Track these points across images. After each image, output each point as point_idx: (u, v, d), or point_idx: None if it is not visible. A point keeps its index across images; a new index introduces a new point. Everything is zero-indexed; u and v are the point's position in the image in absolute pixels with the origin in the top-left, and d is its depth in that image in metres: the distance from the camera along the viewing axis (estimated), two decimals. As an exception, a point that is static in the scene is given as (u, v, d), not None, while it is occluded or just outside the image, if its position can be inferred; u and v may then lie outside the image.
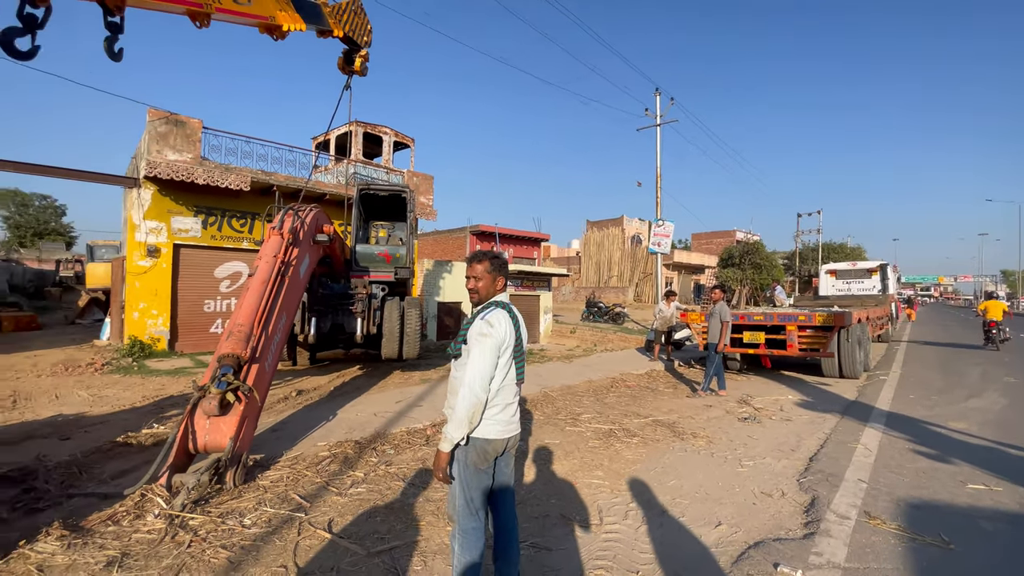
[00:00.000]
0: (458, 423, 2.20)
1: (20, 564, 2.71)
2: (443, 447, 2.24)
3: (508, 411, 2.34)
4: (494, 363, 2.24)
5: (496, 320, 2.27)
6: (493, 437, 2.29)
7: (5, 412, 5.98)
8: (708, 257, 44.47)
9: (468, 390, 2.19)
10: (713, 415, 6.66)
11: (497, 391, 2.29)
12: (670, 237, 18.54)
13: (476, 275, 2.43)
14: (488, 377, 2.22)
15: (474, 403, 2.19)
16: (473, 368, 2.21)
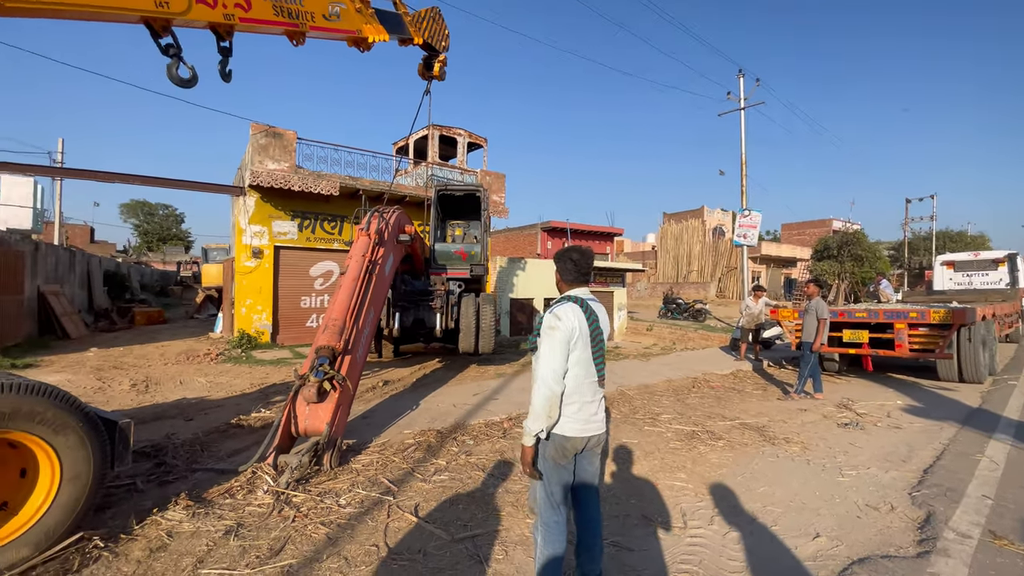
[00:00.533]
0: (535, 416, 2.22)
1: (153, 529, 3.11)
2: (525, 441, 2.28)
3: (587, 409, 2.31)
4: (564, 356, 2.22)
5: (563, 313, 2.26)
6: (571, 435, 2.27)
7: (140, 395, 6.87)
8: (800, 249, 41.24)
9: (540, 383, 2.21)
10: (808, 419, 6.19)
11: (575, 387, 2.27)
12: (757, 228, 17.40)
13: (555, 273, 2.52)
14: (559, 370, 2.21)
15: (548, 395, 2.20)
16: (543, 361, 2.23)
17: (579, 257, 2.46)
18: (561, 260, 2.48)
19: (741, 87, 18.34)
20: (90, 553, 2.78)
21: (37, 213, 29.76)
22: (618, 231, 27.05)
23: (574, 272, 2.45)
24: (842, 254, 31.15)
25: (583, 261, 2.46)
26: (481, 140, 16.40)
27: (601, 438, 2.39)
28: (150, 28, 3.71)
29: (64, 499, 2.74)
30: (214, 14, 3.86)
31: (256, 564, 2.77)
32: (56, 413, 2.67)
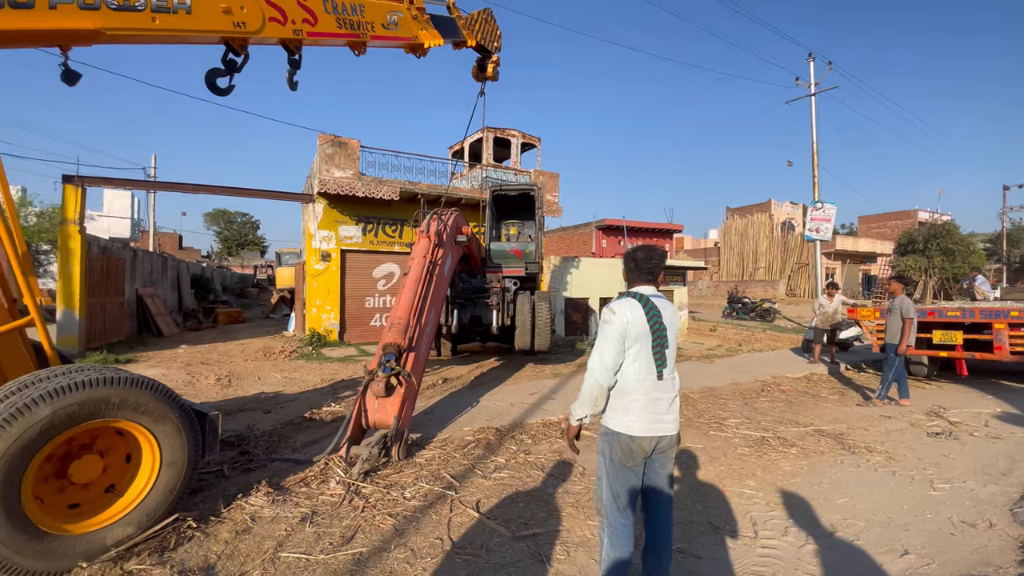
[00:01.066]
0: (580, 402, 2.34)
1: (238, 513, 3.35)
2: (571, 420, 2.41)
3: (656, 407, 2.28)
4: (616, 349, 2.25)
5: (619, 307, 2.29)
6: (636, 434, 2.24)
7: (224, 388, 7.43)
8: (880, 243, 38.16)
9: (589, 373, 2.31)
10: (893, 427, 5.72)
11: (635, 383, 2.26)
12: (831, 221, 16.24)
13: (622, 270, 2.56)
14: (608, 362, 2.25)
15: (593, 385, 2.28)
16: (595, 352, 2.31)
17: (643, 256, 2.45)
18: (626, 259, 2.51)
19: (811, 72, 17.23)
20: (184, 533, 3.05)
21: (134, 223, 32.94)
22: (677, 227, 26.16)
23: (638, 271, 2.45)
24: (929, 248, 28.48)
25: (646, 260, 2.44)
26: (534, 140, 16.42)
27: (673, 440, 2.35)
28: (229, 47, 4.02)
29: (162, 483, 3.01)
30: (284, 31, 4.13)
31: (329, 550, 2.93)
32: (156, 404, 2.95)
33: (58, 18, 3.05)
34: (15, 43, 3.16)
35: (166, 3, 3.47)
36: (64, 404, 2.61)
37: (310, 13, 4.26)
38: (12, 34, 2.98)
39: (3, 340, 3.07)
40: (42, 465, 2.70)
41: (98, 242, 11.54)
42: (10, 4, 2.87)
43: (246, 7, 3.85)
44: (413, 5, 5.08)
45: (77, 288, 9.81)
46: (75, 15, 3.11)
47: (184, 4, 3.55)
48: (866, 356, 10.72)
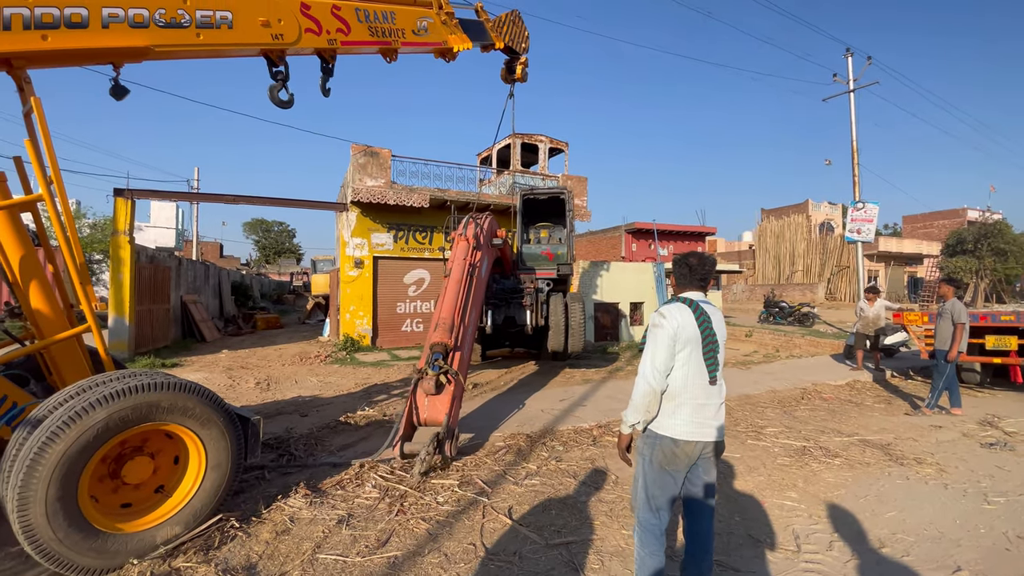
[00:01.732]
0: (633, 408, 2.31)
1: (278, 514, 3.45)
2: (622, 429, 2.39)
3: (703, 411, 2.27)
4: (667, 353, 2.25)
5: (669, 311, 2.30)
6: (681, 438, 2.24)
7: (263, 392, 7.66)
8: (927, 244, 36.43)
9: (640, 377, 2.29)
10: (944, 438, 5.44)
11: (683, 387, 2.27)
12: (873, 222, 15.57)
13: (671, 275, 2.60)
14: (660, 367, 2.25)
15: (646, 390, 2.26)
16: (646, 356, 2.30)
17: (696, 262, 2.46)
18: (678, 265, 2.51)
19: (849, 67, 16.65)
20: (228, 532, 3.15)
21: (179, 233, 34.47)
22: (710, 230, 25.66)
23: (690, 277, 2.47)
24: (980, 248, 27.03)
25: (699, 266, 2.46)
26: (562, 145, 16.40)
27: (720, 447, 2.35)
28: (268, 59, 4.19)
29: (208, 484, 3.14)
30: (319, 41, 4.28)
31: (366, 553, 2.98)
32: (203, 409, 3.07)
33: (110, 36, 3.23)
34: (71, 62, 3.37)
35: (210, 19, 3.64)
36: (119, 408, 2.75)
37: (343, 23, 4.40)
38: (68, 53, 3.17)
39: (63, 346, 3.26)
40: (97, 466, 2.85)
41: (146, 251, 12.11)
42: (66, 24, 3.06)
43: (284, 20, 4.01)
44: (442, 10, 5.17)
45: (127, 295, 10.32)
46: (126, 33, 3.29)
47: (226, 19, 3.72)
48: (913, 363, 10.23)
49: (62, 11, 3.05)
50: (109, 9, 3.21)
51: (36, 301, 3.16)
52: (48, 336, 3.16)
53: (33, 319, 3.18)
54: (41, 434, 2.56)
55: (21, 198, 3.15)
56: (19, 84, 3.25)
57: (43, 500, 2.53)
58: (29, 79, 3.27)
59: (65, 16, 3.06)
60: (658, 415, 2.30)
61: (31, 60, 3.14)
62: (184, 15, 3.51)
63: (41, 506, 2.53)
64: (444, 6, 5.20)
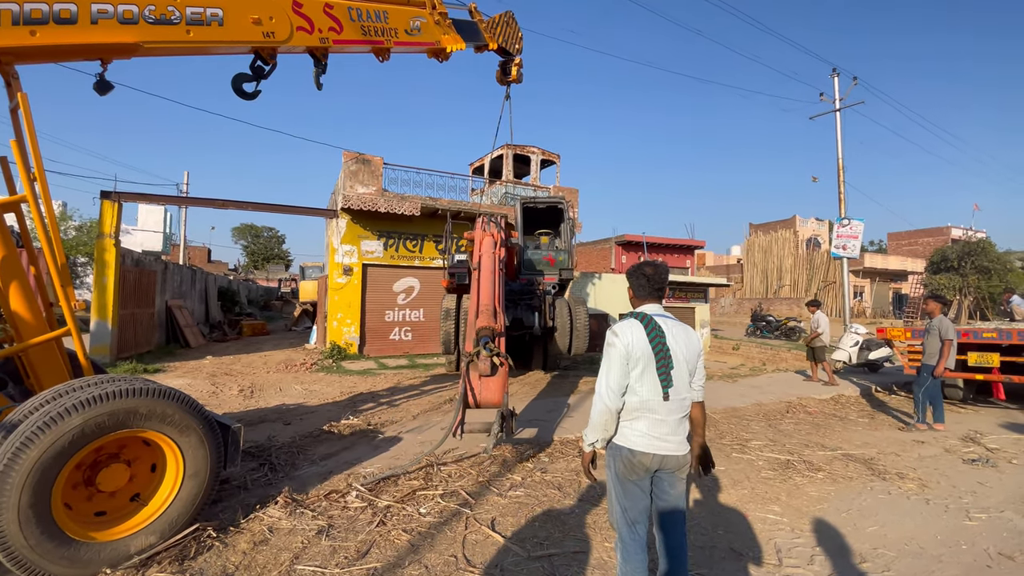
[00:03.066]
0: (591, 428, 2.32)
1: (256, 524, 3.39)
2: (584, 447, 2.39)
3: (660, 427, 2.24)
4: (620, 372, 2.24)
5: (621, 330, 2.29)
6: (637, 449, 2.23)
7: (246, 400, 7.55)
8: (911, 261, 37.10)
9: (596, 397, 2.31)
10: (927, 453, 5.50)
11: (640, 403, 2.25)
12: (859, 238, 15.84)
13: (628, 287, 2.54)
14: (614, 385, 2.24)
15: (602, 410, 2.27)
16: (601, 376, 2.31)
17: (653, 272, 2.42)
18: (634, 275, 2.47)
19: (836, 87, 17.03)
20: (204, 542, 3.09)
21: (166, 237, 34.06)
22: (699, 244, 25.89)
23: (648, 287, 2.43)
24: (964, 266, 27.56)
25: (656, 275, 2.42)
26: (554, 156, 16.54)
27: (682, 461, 2.29)
28: (259, 57, 4.18)
29: (185, 493, 3.08)
30: (311, 39, 4.29)
31: (345, 564, 2.93)
32: (182, 416, 3.02)
33: (99, 32, 3.22)
34: (60, 58, 3.35)
35: (200, 16, 3.63)
36: (95, 414, 2.70)
37: (336, 22, 4.42)
38: (57, 49, 3.16)
39: (41, 350, 3.20)
40: (72, 473, 2.78)
41: (131, 255, 11.96)
42: (55, 20, 3.05)
43: (275, 17, 4.01)
44: (436, 10, 5.21)
45: (111, 299, 10.17)
46: (115, 29, 3.28)
47: (217, 16, 3.71)
48: (897, 378, 10.36)
49: (51, 7, 3.04)
50: (98, 5, 3.20)
51: (16, 303, 3.10)
52: (27, 339, 3.10)
53: (12, 321, 3.13)
54: (15, 440, 2.51)
55: (4, 199, 3.11)
56: (6, 80, 3.22)
57: (15, 507, 2.48)
58: (16, 75, 3.24)
59: (54, 12, 3.05)
60: (621, 427, 2.31)
61: (19, 56, 3.12)
62: (174, 12, 3.51)
63: (13, 513, 2.47)
64: (437, 6, 5.23)
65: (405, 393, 8.16)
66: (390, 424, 6.18)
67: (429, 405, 7.27)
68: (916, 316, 30.31)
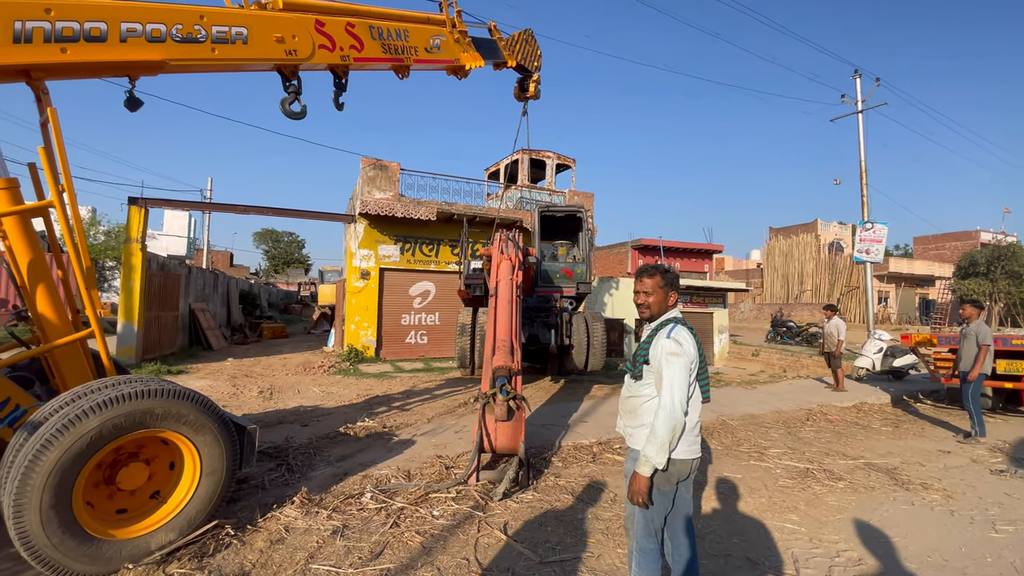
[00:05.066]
0: (660, 446, 2.10)
1: (273, 523, 3.44)
2: (643, 470, 2.15)
3: (694, 432, 2.26)
4: (687, 382, 2.16)
5: (684, 338, 2.19)
6: (678, 457, 2.20)
7: (265, 401, 7.68)
8: (938, 265, 36.08)
9: (668, 412, 2.09)
10: (952, 463, 5.33)
11: (693, 411, 2.25)
12: (882, 242, 15.46)
13: (647, 290, 2.36)
14: (684, 397, 2.13)
15: (675, 425, 2.10)
16: (671, 389, 2.12)
17: (675, 275, 2.44)
18: (670, 277, 2.43)
19: (858, 88, 16.70)
20: (222, 540, 3.14)
21: (190, 241, 34.96)
22: (717, 248, 25.58)
23: (678, 291, 2.43)
24: (994, 271, 26.73)
25: (677, 279, 2.44)
26: (569, 161, 16.53)
27: (699, 463, 2.31)
28: (281, 73, 4.29)
29: (203, 491, 3.14)
30: (333, 57, 4.37)
31: (359, 564, 2.96)
32: (198, 416, 3.09)
33: (128, 50, 3.33)
34: (88, 74, 3.47)
35: (225, 34, 3.74)
36: (112, 415, 2.76)
37: (357, 40, 4.50)
38: (87, 66, 3.27)
39: (66, 350, 3.30)
40: (92, 472, 2.86)
41: (157, 259, 12.28)
42: (85, 38, 3.16)
43: (297, 36, 4.11)
44: (455, 29, 5.27)
45: (137, 302, 10.45)
46: (143, 47, 3.39)
47: (241, 35, 3.82)
48: (923, 386, 10.07)
49: (82, 25, 3.15)
50: (128, 24, 3.32)
51: (42, 305, 3.21)
52: (53, 340, 3.21)
53: (39, 322, 3.24)
54: (35, 442, 2.58)
55: (33, 204, 3.22)
56: (37, 95, 3.34)
57: (37, 507, 2.54)
58: (47, 90, 3.36)
59: (85, 30, 3.16)
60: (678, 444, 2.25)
61: (49, 72, 3.24)
62: (200, 30, 3.62)
63: (36, 513, 2.54)
64: (457, 24, 5.30)
65: (420, 396, 8.21)
66: (405, 427, 6.22)
67: (443, 409, 7.30)
68: (943, 322, 29.44)
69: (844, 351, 9.48)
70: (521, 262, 6.73)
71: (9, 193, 3.10)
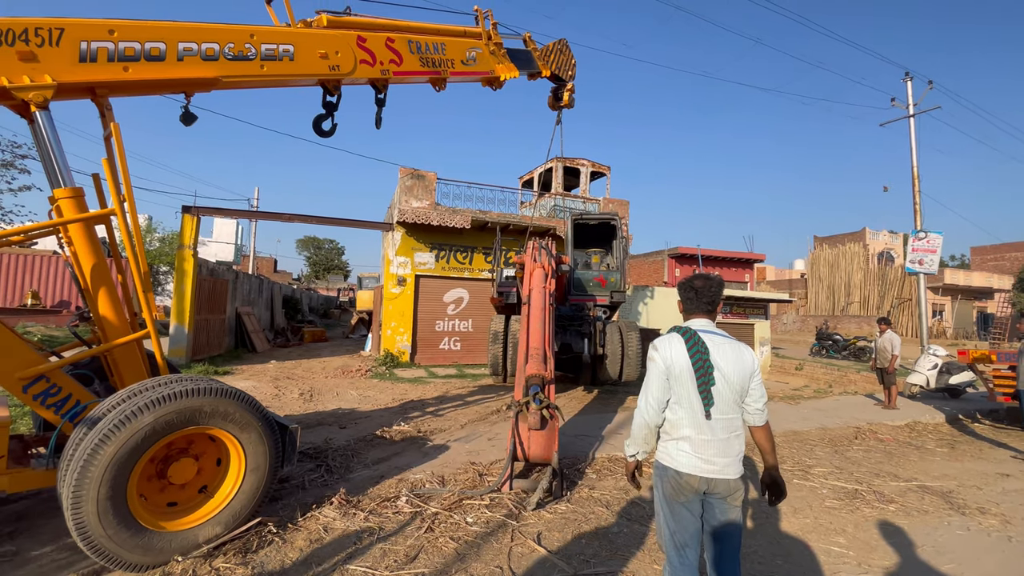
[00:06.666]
0: (631, 440, 2.34)
1: (312, 523, 3.53)
2: (626, 457, 2.42)
3: (706, 448, 2.13)
4: (659, 387, 2.21)
5: (661, 344, 2.26)
6: (684, 471, 2.15)
7: (306, 403, 7.91)
8: (997, 277, 33.89)
9: (637, 411, 2.30)
10: (1011, 487, 4.97)
11: (680, 421, 2.18)
12: (937, 252, 14.62)
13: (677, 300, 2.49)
14: (652, 400, 2.22)
15: (640, 424, 2.27)
16: (642, 390, 2.29)
17: (702, 285, 2.32)
18: (683, 288, 2.39)
19: (909, 92, 15.95)
20: (265, 537, 3.25)
21: (237, 248, 36.54)
22: (759, 257, 24.79)
23: (696, 301, 2.34)
24: (1063, 283, 24.85)
25: (706, 289, 2.31)
26: (604, 169, 16.42)
27: (733, 486, 2.15)
28: (324, 88, 4.46)
29: (247, 487, 3.26)
30: (373, 71, 4.52)
31: (394, 567, 3.00)
32: (242, 414, 3.21)
33: (184, 68, 3.54)
34: (148, 91, 3.70)
35: (273, 52, 3.93)
36: (164, 412, 2.91)
37: (396, 54, 4.64)
38: (146, 83, 3.49)
39: (123, 350, 3.50)
40: (146, 466, 3.01)
41: (207, 265, 12.88)
42: (145, 57, 3.38)
43: (340, 52, 4.27)
44: (491, 41, 5.35)
45: (188, 305, 10.99)
46: (198, 65, 3.60)
47: (288, 52, 4.00)
48: (981, 405, 9.44)
49: (143, 45, 3.37)
50: (184, 44, 3.53)
51: (103, 307, 3.41)
52: (112, 340, 3.41)
53: (99, 323, 3.44)
54: (94, 436, 2.73)
55: (96, 212, 3.44)
56: (101, 111, 3.58)
57: (94, 499, 2.69)
58: (110, 106, 3.60)
59: (145, 50, 3.38)
60: (663, 444, 2.26)
61: (112, 89, 3.47)
62: (250, 48, 3.81)
63: (93, 505, 2.69)
64: (493, 36, 5.39)
65: (453, 402, 8.28)
66: (439, 432, 6.28)
67: (476, 415, 7.33)
68: (1003, 337, 27.56)
69: (897, 367, 8.96)
70: (554, 270, 6.68)
71: (75, 202, 3.31)
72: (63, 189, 3.27)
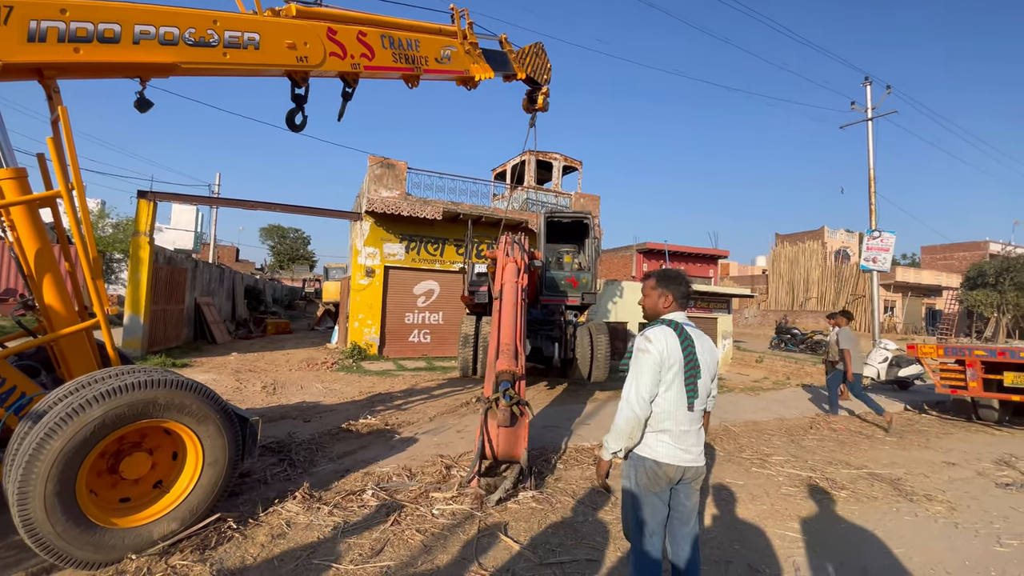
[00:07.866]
0: (616, 435, 2.24)
1: (275, 518, 3.44)
2: (603, 455, 2.32)
3: (685, 439, 2.22)
4: (652, 379, 2.19)
5: (655, 335, 2.22)
6: (664, 461, 2.20)
7: (268, 396, 7.70)
8: (946, 276, 35.84)
9: (625, 404, 2.22)
10: (957, 475, 5.28)
11: (668, 413, 2.21)
12: (890, 251, 15.36)
13: (644, 292, 2.47)
14: (644, 393, 2.18)
15: (630, 417, 2.20)
16: (630, 383, 2.23)
17: (676, 277, 2.41)
18: (675, 282, 2.41)
19: (868, 96, 16.61)
20: (224, 533, 3.15)
21: (197, 236, 35.13)
22: (723, 253, 25.50)
23: (683, 297, 2.40)
24: (1002, 282, 26.50)
25: (687, 284, 2.41)
26: (576, 163, 16.52)
27: (699, 471, 2.27)
28: (292, 79, 4.31)
29: (205, 481, 3.15)
30: (343, 64, 4.39)
31: (359, 561, 2.96)
32: (199, 406, 3.10)
33: (140, 52, 3.36)
34: (100, 74, 3.49)
35: (237, 39, 3.75)
36: (115, 405, 2.78)
37: (368, 48, 4.51)
38: (99, 66, 3.29)
39: (71, 340, 3.32)
40: (96, 461, 2.88)
41: (164, 253, 12.34)
42: (99, 39, 3.18)
43: (309, 43, 4.12)
44: (466, 40, 5.27)
45: (143, 295, 10.51)
46: (155, 50, 3.41)
47: (253, 40, 3.84)
48: (928, 396, 9.99)
49: (96, 26, 3.17)
50: (141, 26, 3.34)
51: (49, 295, 3.23)
52: (58, 329, 3.23)
53: (44, 312, 3.25)
54: (39, 431, 2.60)
55: (40, 194, 3.24)
56: (48, 93, 3.35)
57: (41, 495, 2.56)
58: (58, 88, 3.37)
59: (99, 31, 3.19)
60: (646, 438, 2.25)
61: (62, 71, 3.26)
62: (213, 35, 3.64)
63: (40, 501, 2.56)
64: (468, 36, 5.30)
65: (422, 395, 8.22)
66: (407, 425, 6.23)
67: (445, 408, 7.30)
68: (950, 333, 29.24)
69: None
70: (527, 265, 6.68)
71: (17, 183, 3.11)
72: (5, 169, 3.08)
